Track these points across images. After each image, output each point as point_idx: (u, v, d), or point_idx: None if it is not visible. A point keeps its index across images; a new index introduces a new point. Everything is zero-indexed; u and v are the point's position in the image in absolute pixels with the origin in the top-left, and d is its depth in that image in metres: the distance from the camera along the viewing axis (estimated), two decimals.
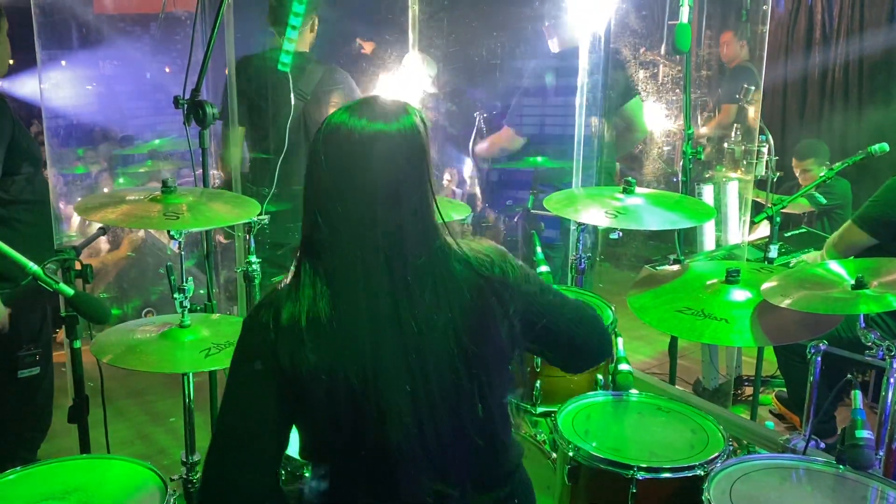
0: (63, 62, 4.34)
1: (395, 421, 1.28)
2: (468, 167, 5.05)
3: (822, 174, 4.34)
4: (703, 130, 4.82)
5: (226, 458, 1.33)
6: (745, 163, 3.83)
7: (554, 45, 3.77)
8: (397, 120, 1.30)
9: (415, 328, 1.28)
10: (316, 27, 3.33)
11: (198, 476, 2.32)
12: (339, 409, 1.28)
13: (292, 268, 2.52)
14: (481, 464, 1.39)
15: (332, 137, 1.29)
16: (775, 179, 4.16)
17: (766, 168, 3.91)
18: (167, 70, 4.93)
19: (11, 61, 2.70)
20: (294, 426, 1.37)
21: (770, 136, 3.96)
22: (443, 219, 1.36)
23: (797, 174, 4.59)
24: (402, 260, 1.29)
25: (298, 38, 3.22)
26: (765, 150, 3.94)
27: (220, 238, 3.52)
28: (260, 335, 1.30)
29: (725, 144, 4.06)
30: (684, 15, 2.64)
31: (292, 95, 3.14)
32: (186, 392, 2.28)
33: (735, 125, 4.36)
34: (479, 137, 4.42)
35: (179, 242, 2.25)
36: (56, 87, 3.91)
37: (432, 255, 1.33)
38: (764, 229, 3.96)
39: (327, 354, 1.27)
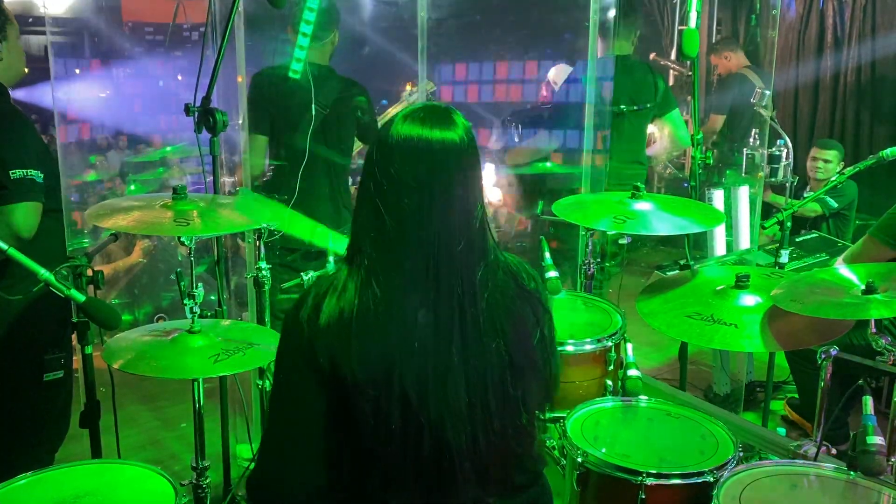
0: (77, 70, 4.39)
1: (455, 427, 1.29)
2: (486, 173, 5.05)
3: (833, 177, 4.33)
4: None
5: (275, 457, 1.34)
6: (763, 166, 3.80)
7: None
8: (459, 127, 1.32)
9: (476, 336, 1.30)
10: (336, 41, 3.35)
11: (207, 481, 2.33)
12: (391, 415, 1.28)
13: (321, 271, 2.53)
14: (516, 470, 1.41)
15: (407, 147, 1.29)
16: (795, 183, 4.13)
17: (786, 172, 3.88)
18: (179, 78, 4.98)
19: (26, 70, 2.73)
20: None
21: (788, 140, 3.93)
22: (490, 226, 1.37)
23: (809, 163, 4.53)
24: (471, 269, 1.31)
25: (319, 52, 3.23)
26: (783, 153, 3.91)
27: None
28: (299, 335, 1.31)
29: (745, 150, 4.03)
30: (692, 20, 2.64)
31: (314, 106, 3.16)
32: (196, 397, 2.29)
33: (753, 130, 4.33)
34: (512, 145, 4.40)
35: (190, 248, 2.26)
36: (69, 95, 3.95)
37: (489, 263, 1.35)
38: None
39: (380, 361, 1.27)
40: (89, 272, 2.09)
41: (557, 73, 4.36)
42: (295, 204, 3.15)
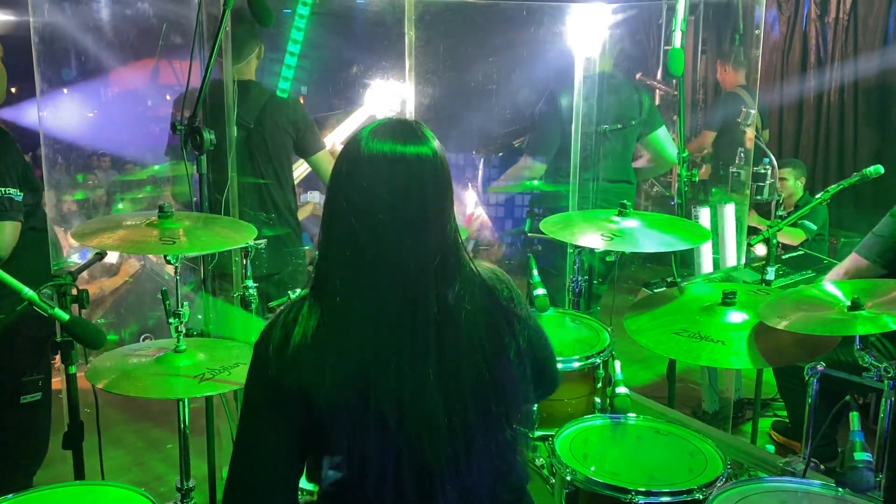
0: (64, 90, 4.38)
1: (434, 449, 1.26)
2: (468, 192, 5.06)
3: (798, 194, 4.40)
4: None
5: (243, 483, 1.31)
6: (749, 184, 3.82)
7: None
8: (430, 141, 1.31)
9: (453, 354, 1.29)
10: (262, 55, 3.26)
11: (192, 502, 2.30)
12: (368, 441, 1.25)
13: (291, 295, 2.51)
14: (501, 488, 1.39)
15: (380, 161, 1.26)
16: (780, 202, 4.16)
17: (771, 190, 3.90)
18: (168, 97, 4.97)
19: (13, 89, 2.72)
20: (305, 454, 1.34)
21: (773, 159, 3.97)
22: (462, 240, 1.36)
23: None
24: (448, 285, 1.30)
25: (245, 67, 3.14)
26: (768, 172, 3.93)
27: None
28: (264, 372, 1.28)
29: (732, 168, 4.06)
30: (677, 40, 2.66)
31: (235, 125, 2.99)
32: (181, 417, 2.27)
33: (739, 149, 4.37)
34: (487, 180, 4.36)
35: (176, 267, 2.25)
36: (56, 114, 3.93)
37: (465, 278, 1.33)
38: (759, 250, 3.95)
39: (355, 384, 1.25)
40: (74, 291, 2.07)
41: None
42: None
